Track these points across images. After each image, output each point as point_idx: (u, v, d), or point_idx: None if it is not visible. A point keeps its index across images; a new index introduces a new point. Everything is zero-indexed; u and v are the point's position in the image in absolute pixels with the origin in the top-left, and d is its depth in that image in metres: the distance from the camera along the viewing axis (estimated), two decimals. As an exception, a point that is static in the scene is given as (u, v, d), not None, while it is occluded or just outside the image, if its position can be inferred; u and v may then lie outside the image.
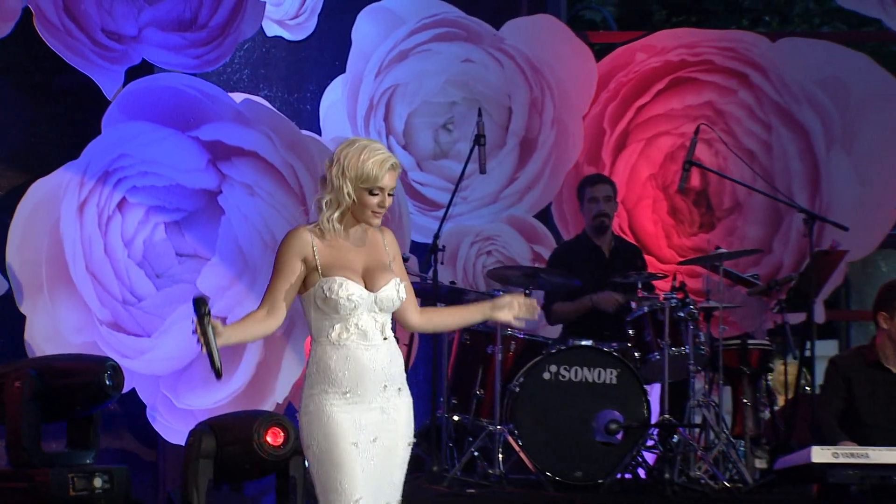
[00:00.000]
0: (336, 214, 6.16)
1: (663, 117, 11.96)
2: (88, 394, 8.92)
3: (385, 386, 6.23)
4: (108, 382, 8.86)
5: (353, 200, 6.16)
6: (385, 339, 6.28)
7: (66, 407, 8.89)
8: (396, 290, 6.25)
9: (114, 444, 9.85)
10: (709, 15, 19.00)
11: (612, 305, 10.36)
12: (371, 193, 6.15)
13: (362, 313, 6.20)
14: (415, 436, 10.10)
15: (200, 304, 5.87)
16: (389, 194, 6.22)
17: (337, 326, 6.18)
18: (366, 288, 6.20)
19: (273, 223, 10.12)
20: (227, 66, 10.60)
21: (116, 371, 8.97)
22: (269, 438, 8.52)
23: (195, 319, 5.87)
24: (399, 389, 6.28)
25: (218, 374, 5.94)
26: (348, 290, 6.16)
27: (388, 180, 6.16)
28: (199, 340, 5.87)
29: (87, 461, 8.98)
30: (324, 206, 6.18)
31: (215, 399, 10.01)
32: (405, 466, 6.33)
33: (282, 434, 8.55)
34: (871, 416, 8.67)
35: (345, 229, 6.23)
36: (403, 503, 6.38)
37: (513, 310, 6.35)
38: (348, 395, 6.18)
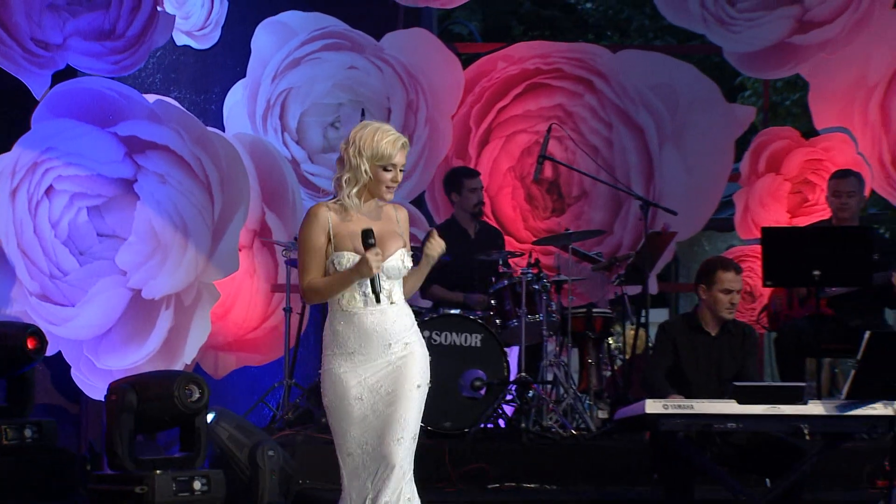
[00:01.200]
0: (354, 190, 6.18)
1: (521, 117, 12.03)
2: (13, 357, 8.93)
3: (389, 344, 6.25)
4: (29, 347, 8.91)
5: (370, 177, 6.18)
6: (392, 303, 6.30)
7: (-4, 368, 8.95)
8: (402, 259, 6.28)
9: (42, 399, 9.77)
10: (560, 30, 19.12)
11: (481, 306, 10.42)
12: (385, 170, 6.19)
13: (370, 282, 6.20)
14: (311, 391, 10.20)
15: (369, 234, 6.02)
16: (401, 170, 6.26)
17: (346, 294, 6.20)
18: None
19: (182, 208, 10.08)
20: (141, 71, 10.53)
21: (38, 336, 8.97)
22: (188, 394, 8.54)
23: (366, 249, 6.02)
24: (406, 344, 6.29)
25: (377, 298, 6.14)
26: (355, 263, 6.17)
27: (400, 157, 6.21)
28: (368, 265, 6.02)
29: (23, 415, 8.97)
30: (343, 185, 6.19)
31: (131, 360, 9.95)
32: (417, 406, 6.34)
33: (198, 391, 8.59)
34: (694, 373, 8.74)
35: (362, 204, 6.24)
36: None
37: (434, 247, 6.39)
38: (354, 355, 6.22)
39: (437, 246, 6.47)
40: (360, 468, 6.21)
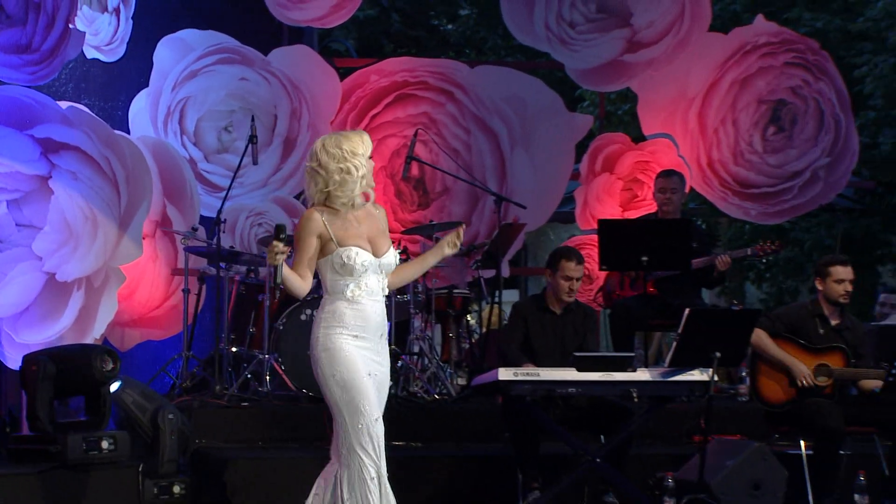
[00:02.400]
0: (346, 192, 6.14)
1: (391, 123, 12.01)
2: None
3: (381, 334, 6.22)
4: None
5: (366, 175, 6.17)
6: (385, 295, 6.27)
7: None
8: (395, 256, 6.28)
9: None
10: (425, 47, 19.14)
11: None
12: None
13: (370, 275, 6.18)
14: (207, 362, 10.16)
15: (281, 230, 5.92)
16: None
17: (351, 285, 6.14)
18: (373, 254, 6.17)
19: (92, 201, 9.98)
20: (55, 81, 10.41)
21: None
22: (103, 365, 8.48)
23: (274, 240, 5.89)
24: (382, 336, 6.26)
25: (276, 285, 6.11)
26: (361, 257, 6.12)
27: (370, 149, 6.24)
28: (272, 255, 5.89)
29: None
30: (334, 192, 6.12)
31: (47, 335, 9.84)
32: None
33: (111, 362, 8.54)
34: (542, 345, 8.82)
35: (352, 204, 6.18)
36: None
37: (453, 245, 6.42)
38: (357, 338, 6.14)
39: (456, 246, 6.55)
40: (376, 435, 6.15)
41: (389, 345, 9.95)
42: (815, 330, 8.91)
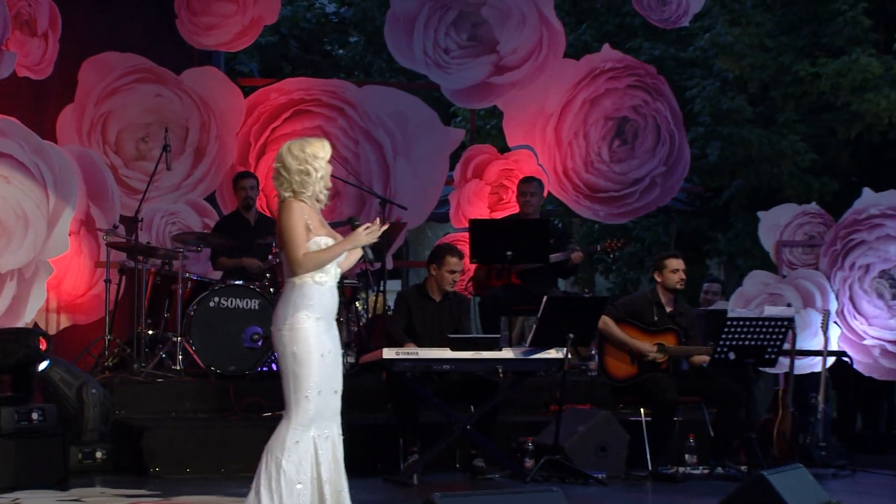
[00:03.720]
0: (312, 191, 6.02)
1: (289, 135, 11.85)
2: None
3: (335, 315, 6.08)
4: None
5: (324, 176, 6.06)
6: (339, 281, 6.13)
7: None
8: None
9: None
10: (319, 69, 19.05)
11: (254, 268, 10.32)
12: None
13: (333, 266, 6.03)
14: (127, 343, 10.01)
15: (353, 221, 6.08)
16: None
17: (320, 272, 5.97)
18: None
19: (23, 202, 9.86)
20: (-11, 97, 10.28)
21: None
22: (37, 345, 8.46)
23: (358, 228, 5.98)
24: (334, 317, 6.10)
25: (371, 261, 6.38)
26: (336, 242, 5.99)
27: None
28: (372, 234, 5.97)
29: None
30: (305, 191, 5.99)
31: (-18, 320, 9.69)
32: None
33: (45, 342, 8.57)
34: (423, 328, 8.85)
35: (317, 200, 6.06)
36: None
37: (371, 233, 6.07)
38: (320, 320, 5.96)
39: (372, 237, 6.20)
40: (316, 411, 5.93)
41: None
42: (653, 315, 9.07)
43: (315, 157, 6.05)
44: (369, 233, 6.01)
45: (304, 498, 5.83)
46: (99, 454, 8.70)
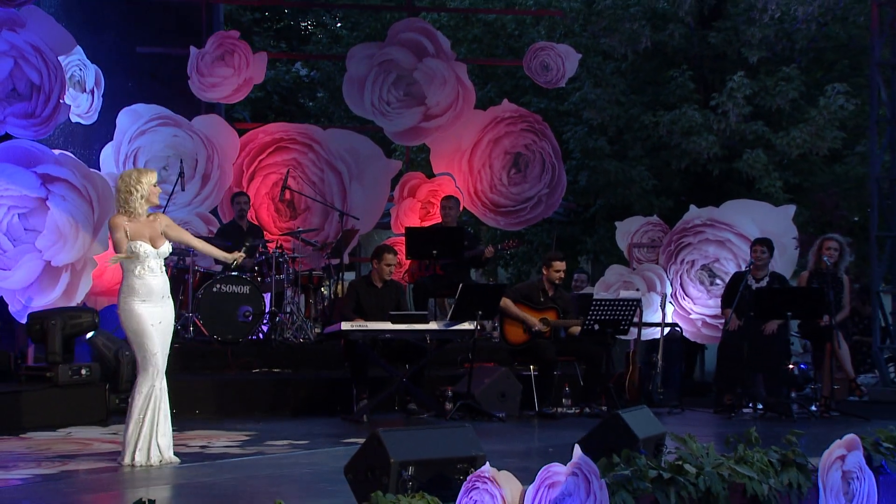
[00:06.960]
0: (140, 204, 6.06)
1: (273, 164, 11.86)
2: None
3: (163, 296, 6.08)
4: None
5: (147, 193, 6.06)
6: (163, 271, 6.13)
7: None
8: (168, 248, 6.12)
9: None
10: (295, 117, 18.96)
11: (246, 263, 10.24)
12: (154, 186, 6.14)
13: (152, 259, 6.03)
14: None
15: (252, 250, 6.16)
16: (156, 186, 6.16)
17: (139, 266, 6.01)
18: (152, 246, 6.05)
19: (75, 214, 9.66)
20: (51, 136, 10.07)
21: None
22: (91, 318, 8.57)
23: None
24: (164, 297, 6.11)
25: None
26: (144, 248, 6.00)
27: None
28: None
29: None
30: (133, 203, 6.04)
31: (45, 301, 9.48)
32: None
33: (96, 317, 8.61)
34: (369, 308, 8.85)
35: (138, 213, 6.07)
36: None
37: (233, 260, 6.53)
38: (146, 302, 6.01)
39: (233, 262, 6.63)
40: (155, 364, 6.08)
41: (271, 307, 10.01)
42: (540, 298, 9.16)
43: (139, 182, 6.10)
44: (230, 258, 6.49)
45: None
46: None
